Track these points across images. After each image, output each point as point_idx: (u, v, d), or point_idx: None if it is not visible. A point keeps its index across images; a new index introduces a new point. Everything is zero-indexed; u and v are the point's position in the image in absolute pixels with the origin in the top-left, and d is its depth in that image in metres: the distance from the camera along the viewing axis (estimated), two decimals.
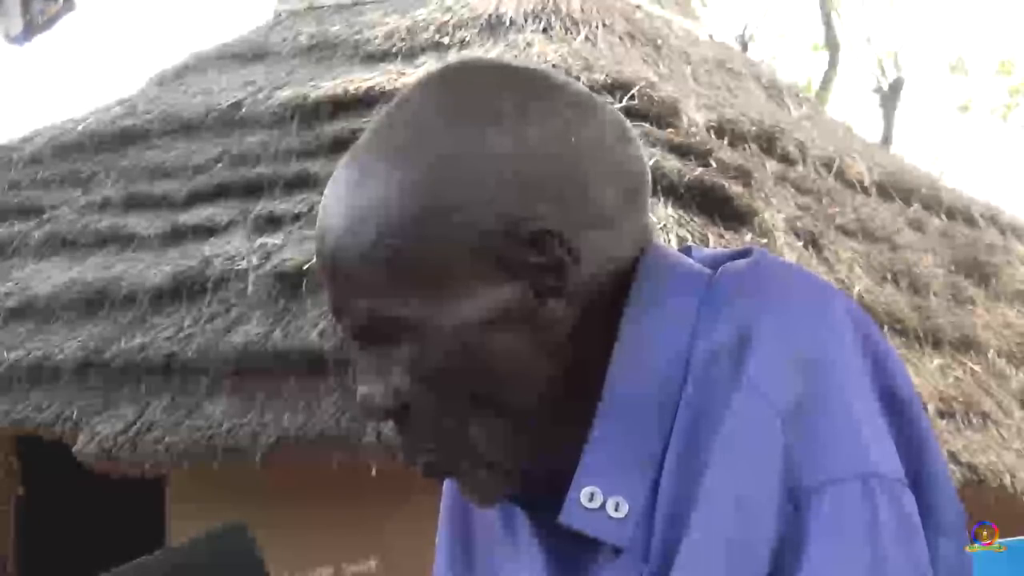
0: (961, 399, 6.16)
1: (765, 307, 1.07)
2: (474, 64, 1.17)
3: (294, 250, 5.95)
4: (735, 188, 5.99)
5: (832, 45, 18.13)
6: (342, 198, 1.09)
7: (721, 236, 5.66)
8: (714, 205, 5.88)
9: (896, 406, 1.07)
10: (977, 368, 6.53)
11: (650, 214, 1.15)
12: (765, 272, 1.11)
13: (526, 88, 1.10)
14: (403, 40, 7.50)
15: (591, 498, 1.06)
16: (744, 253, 1.14)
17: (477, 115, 1.08)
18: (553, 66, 6.67)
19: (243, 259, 6.05)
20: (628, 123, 1.15)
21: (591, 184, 1.08)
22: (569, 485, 1.08)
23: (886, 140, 17.07)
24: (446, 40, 7.39)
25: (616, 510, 1.06)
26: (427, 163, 1.07)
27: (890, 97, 18.44)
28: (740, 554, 1.00)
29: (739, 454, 1.02)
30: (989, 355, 6.70)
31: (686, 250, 1.18)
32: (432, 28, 7.52)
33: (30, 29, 6.23)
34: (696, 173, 5.89)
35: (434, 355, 1.07)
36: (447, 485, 1.25)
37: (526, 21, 7.40)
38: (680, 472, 1.04)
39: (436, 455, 1.11)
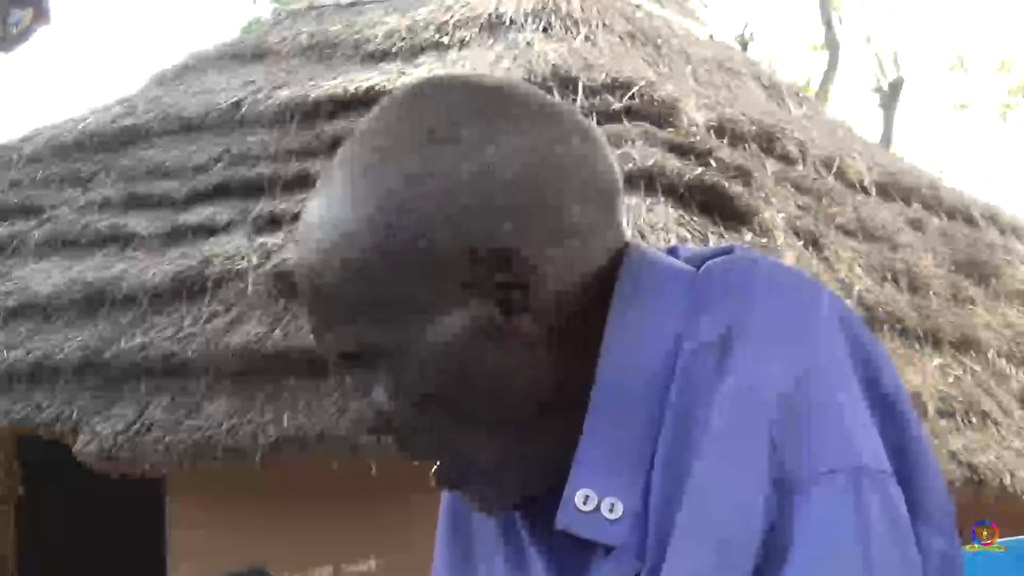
0: (961, 399, 6.15)
1: (751, 303, 1.08)
2: (438, 82, 1.16)
3: (294, 250, 5.94)
4: (735, 188, 5.99)
5: (832, 45, 18.15)
6: (313, 228, 1.11)
7: (721, 236, 5.66)
8: (714, 205, 5.88)
9: (882, 399, 1.08)
10: (977, 368, 6.52)
11: (624, 215, 1.16)
12: (750, 269, 1.12)
13: (489, 107, 1.10)
14: (403, 40, 7.50)
15: (585, 500, 1.07)
16: (726, 251, 1.15)
17: (438, 138, 1.08)
18: (553, 66, 6.68)
19: (243, 259, 6.05)
20: (594, 127, 1.15)
21: (557, 199, 1.08)
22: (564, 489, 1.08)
23: (886, 140, 17.08)
24: (446, 40, 7.39)
25: (611, 511, 1.07)
26: (388, 190, 1.08)
27: (890, 97, 18.46)
28: (729, 547, 1.01)
29: (726, 449, 1.03)
30: (989, 355, 6.70)
31: (671, 250, 1.19)
32: (432, 28, 7.52)
33: (5, 41, 6.23)
34: (696, 173, 5.89)
35: (411, 378, 1.09)
36: None
37: (526, 21, 7.40)
38: (670, 469, 1.05)
39: (443, 468, 1.13)
